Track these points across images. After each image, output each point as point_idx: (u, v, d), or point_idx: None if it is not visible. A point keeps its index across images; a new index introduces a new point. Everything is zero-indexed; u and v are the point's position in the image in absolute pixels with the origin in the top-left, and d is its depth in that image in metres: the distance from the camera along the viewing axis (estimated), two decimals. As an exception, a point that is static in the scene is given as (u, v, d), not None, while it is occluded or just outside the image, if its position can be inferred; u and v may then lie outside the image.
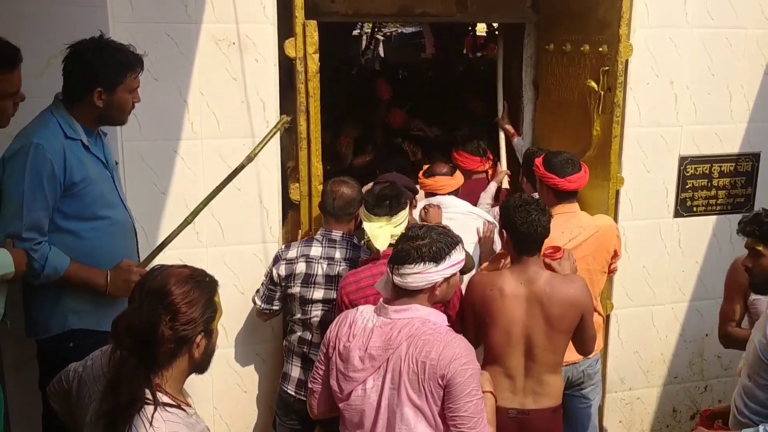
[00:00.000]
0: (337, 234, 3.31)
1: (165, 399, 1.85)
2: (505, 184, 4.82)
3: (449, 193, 3.88)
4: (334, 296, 3.19)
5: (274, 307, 3.38)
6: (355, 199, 3.28)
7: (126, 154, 3.31)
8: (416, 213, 3.61)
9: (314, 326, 3.27)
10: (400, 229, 3.04)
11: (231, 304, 3.54)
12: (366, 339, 2.42)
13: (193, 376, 2.04)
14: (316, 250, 3.29)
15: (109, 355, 1.90)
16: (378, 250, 3.03)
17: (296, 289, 3.27)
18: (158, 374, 1.87)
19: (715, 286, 4.33)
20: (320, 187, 3.51)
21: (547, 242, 3.18)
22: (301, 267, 3.27)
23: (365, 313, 2.50)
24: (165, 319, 1.82)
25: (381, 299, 2.50)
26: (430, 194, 3.92)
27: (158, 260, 2.82)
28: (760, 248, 2.85)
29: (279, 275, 3.30)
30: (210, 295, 1.92)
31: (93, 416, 1.91)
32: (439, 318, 2.46)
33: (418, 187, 3.79)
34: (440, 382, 2.33)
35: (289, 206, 3.70)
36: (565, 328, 2.91)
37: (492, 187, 4.55)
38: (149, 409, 1.80)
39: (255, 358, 3.72)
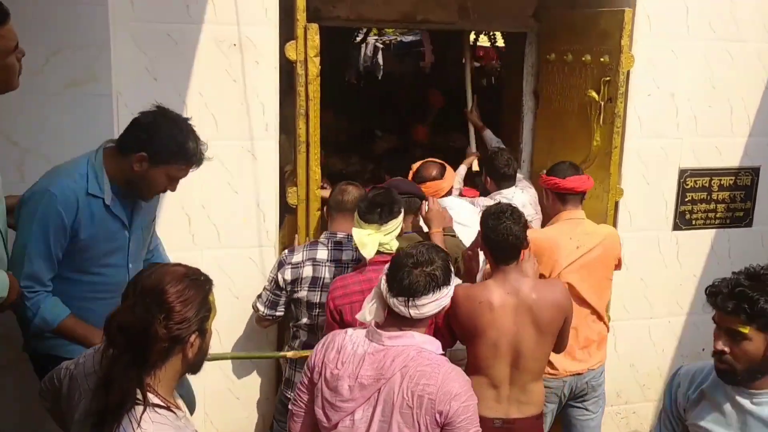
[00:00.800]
0: (342, 235, 3.28)
1: (155, 400, 1.83)
2: (475, 166, 4.95)
3: (444, 195, 3.81)
4: None
5: (278, 313, 3.32)
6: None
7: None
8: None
9: (321, 330, 3.22)
10: (390, 238, 2.96)
11: (226, 308, 3.49)
12: (356, 367, 2.25)
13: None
14: (322, 253, 3.25)
15: (101, 352, 1.87)
16: (365, 258, 2.94)
17: (303, 294, 3.22)
18: (150, 374, 1.84)
19: (713, 299, 4.32)
20: (318, 192, 3.48)
21: (555, 248, 3.20)
22: (308, 271, 3.22)
23: (355, 337, 2.33)
24: (159, 317, 1.79)
25: (373, 323, 2.33)
26: None
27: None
28: (746, 330, 2.10)
29: (285, 280, 3.23)
30: (205, 295, 1.90)
31: (82, 414, 1.88)
32: (434, 346, 2.31)
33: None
34: (437, 418, 2.18)
35: (286, 210, 3.67)
36: (552, 333, 2.88)
37: (461, 169, 4.62)
38: (138, 409, 1.78)
39: (249, 364, 3.68)
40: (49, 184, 2.52)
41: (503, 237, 2.79)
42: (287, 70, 3.47)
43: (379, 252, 2.92)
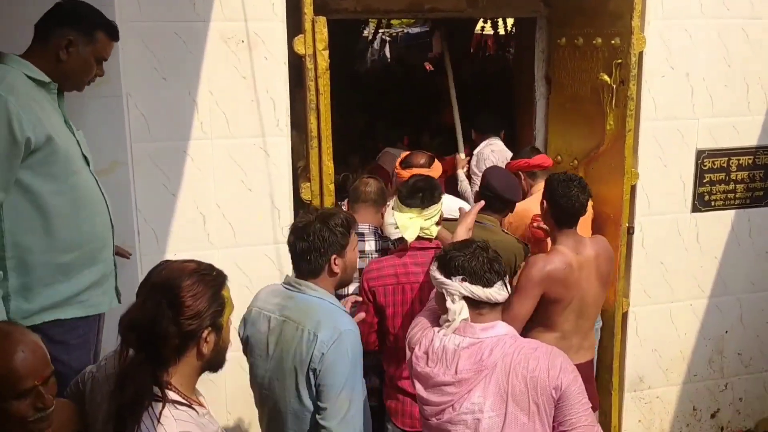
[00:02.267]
0: (364, 227, 3.30)
1: (175, 397, 1.82)
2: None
3: None
4: None
5: None
6: (384, 192, 3.40)
7: (135, 156, 3.27)
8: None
9: None
10: (430, 223, 3.04)
11: (243, 305, 3.48)
12: (452, 362, 2.25)
13: (206, 381, 2.00)
14: None
15: (118, 353, 1.87)
16: (407, 241, 3.02)
17: None
18: (166, 371, 1.83)
19: (734, 281, 4.27)
20: (332, 186, 3.46)
21: (530, 217, 3.65)
22: None
23: (438, 333, 2.32)
24: (169, 313, 1.78)
25: (463, 320, 2.30)
26: None
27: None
28: None
29: None
30: (216, 289, 1.88)
31: (105, 416, 1.88)
32: (513, 330, 2.36)
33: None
34: (554, 394, 2.20)
35: (300, 206, 3.65)
36: (608, 281, 3.32)
37: (460, 174, 5.09)
38: (158, 406, 1.77)
39: (268, 360, 3.67)
40: None
41: (572, 203, 3.10)
42: (296, 65, 3.44)
43: (419, 237, 3.01)
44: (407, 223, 3.01)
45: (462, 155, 5.22)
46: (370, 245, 3.26)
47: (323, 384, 2.36)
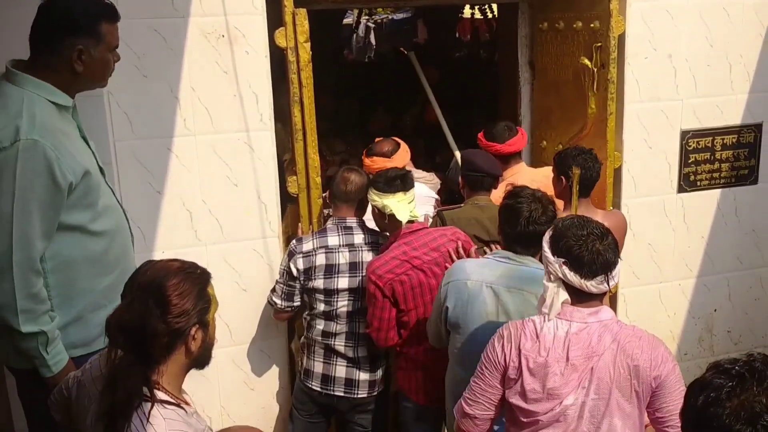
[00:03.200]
0: (351, 221, 3.28)
1: (163, 396, 1.83)
2: None
3: None
4: (359, 282, 3.18)
5: (296, 304, 3.29)
6: (366, 185, 3.28)
7: (119, 154, 3.25)
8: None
9: (340, 317, 3.22)
10: (413, 206, 3.15)
11: (234, 301, 3.50)
12: (563, 349, 2.20)
13: (199, 378, 2.00)
14: (333, 240, 3.23)
15: (105, 355, 1.87)
16: (401, 222, 3.10)
17: (319, 282, 3.19)
18: (155, 371, 1.84)
19: (722, 260, 4.31)
20: (318, 179, 3.45)
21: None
22: (320, 259, 3.19)
23: (547, 322, 2.24)
24: (156, 312, 1.79)
25: (562, 305, 2.23)
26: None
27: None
28: None
29: (298, 269, 3.20)
30: (202, 286, 1.89)
31: (93, 417, 1.88)
32: (614, 315, 2.30)
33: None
34: (653, 384, 2.20)
35: (287, 200, 3.65)
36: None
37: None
38: (147, 406, 1.78)
39: (260, 355, 3.68)
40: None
41: (588, 174, 3.28)
42: (278, 58, 3.43)
43: (410, 221, 3.11)
44: (398, 206, 3.09)
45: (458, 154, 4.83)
46: (359, 238, 3.25)
47: None
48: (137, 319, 1.78)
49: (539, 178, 3.73)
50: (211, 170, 3.40)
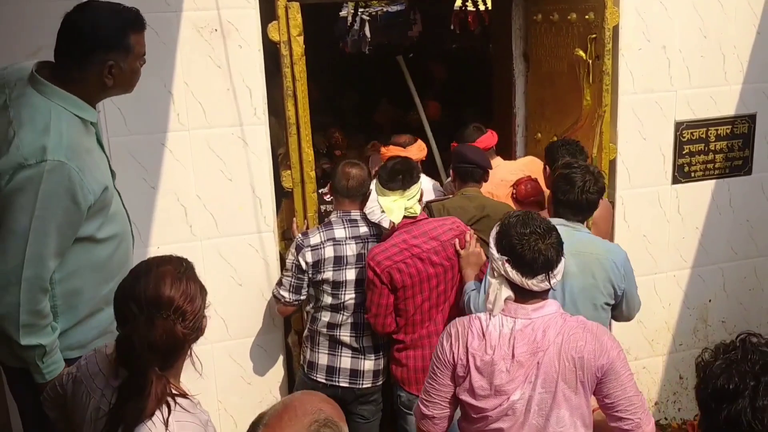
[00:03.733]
0: (355, 214, 3.31)
1: (173, 391, 1.86)
2: None
3: None
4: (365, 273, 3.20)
5: (302, 297, 3.31)
6: (367, 180, 3.32)
7: (113, 150, 3.23)
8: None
9: (347, 308, 3.27)
10: (413, 202, 3.16)
11: (229, 296, 3.50)
12: (509, 347, 2.24)
13: (196, 373, 2.01)
14: (340, 232, 3.26)
15: (106, 357, 1.89)
16: (394, 223, 3.16)
17: (328, 274, 3.23)
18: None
19: (716, 250, 4.32)
20: (312, 174, 3.45)
21: (493, 188, 3.76)
22: (329, 251, 3.22)
23: (492, 319, 2.29)
24: (178, 323, 1.83)
25: (506, 301, 2.29)
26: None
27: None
28: None
29: (307, 263, 3.22)
30: (197, 280, 1.94)
31: (94, 413, 1.89)
32: (559, 306, 2.37)
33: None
34: (598, 374, 2.25)
35: (282, 194, 3.65)
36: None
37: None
38: (165, 409, 1.82)
39: (257, 349, 3.68)
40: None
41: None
42: (272, 52, 3.42)
43: (405, 217, 3.16)
44: (392, 206, 3.13)
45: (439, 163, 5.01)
46: (364, 230, 3.29)
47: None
48: (165, 335, 1.80)
49: (516, 168, 3.98)
50: (205, 165, 3.39)
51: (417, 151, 4.03)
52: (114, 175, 2.54)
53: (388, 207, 3.13)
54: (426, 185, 3.78)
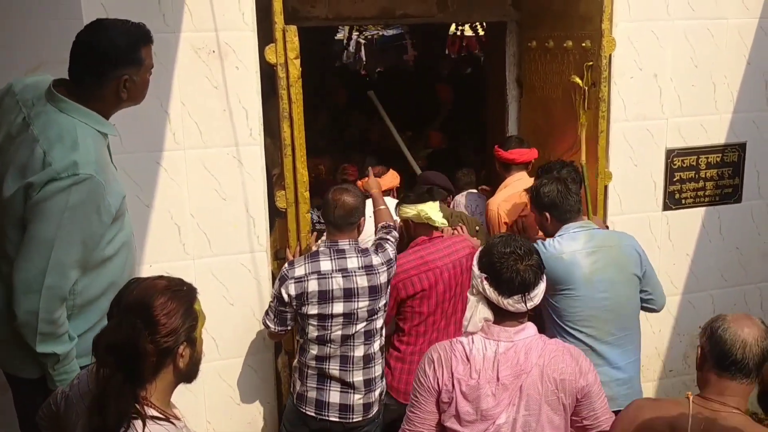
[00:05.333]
0: (344, 244, 3.18)
1: (152, 412, 1.83)
2: None
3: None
4: (354, 308, 3.12)
5: (288, 327, 3.24)
6: (358, 208, 3.19)
7: (108, 168, 3.26)
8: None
9: (334, 341, 3.15)
10: (441, 215, 3.51)
11: (221, 315, 3.50)
12: (493, 370, 2.26)
13: (185, 392, 2.01)
14: (326, 265, 3.13)
15: (93, 373, 1.88)
16: (439, 225, 3.48)
17: (313, 309, 3.10)
18: (144, 388, 1.85)
19: (706, 277, 4.34)
20: (307, 194, 3.47)
21: (509, 202, 3.98)
22: (313, 285, 3.10)
23: (475, 342, 2.30)
24: (145, 333, 1.80)
25: (488, 324, 2.31)
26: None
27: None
28: None
29: (289, 295, 3.11)
30: (188, 304, 1.90)
31: None
32: (535, 328, 2.39)
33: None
34: (578, 395, 2.31)
35: (276, 214, 3.66)
36: None
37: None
38: (138, 424, 1.78)
39: (247, 369, 3.67)
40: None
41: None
42: (268, 73, 3.45)
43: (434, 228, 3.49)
44: (432, 211, 3.44)
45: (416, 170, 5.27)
46: (352, 262, 3.16)
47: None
48: (126, 340, 1.78)
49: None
50: (199, 184, 3.40)
51: (390, 180, 4.21)
52: None
53: (430, 211, 3.43)
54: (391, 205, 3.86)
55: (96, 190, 2.25)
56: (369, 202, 3.61)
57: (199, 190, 3.41)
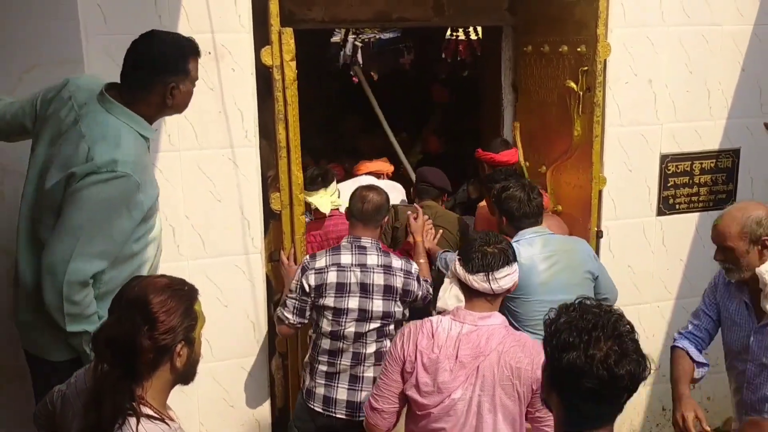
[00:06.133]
0: (366, 241, 3.26)
1: (148, 411, 1.84)
2: None
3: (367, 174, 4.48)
4: (369, 306, 3.17)
5: (305, 320, 3.26)
6: (384, 206, 3.33)
7: (103, 169, 3.25)
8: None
9: (347, 337, 3.18)
10: (335, 197, 3.85)
11: (215, 317, 3.48)
12: (454, 348, 2.46)
13: (178, 393, 2.01)
14: (346, 258, 3.21)
15: (91, 369, 1.88)
16: (324, 214, 3.82)
17: (330, 301, 3.16)
18: (140, 386, 1.85)
19: (700, 282, 4.32)
20: (301, 196, 3.47)
21: None
22: (332, 276, 3.17)
23: (443, 322, 2.53)
24: (143, 329, 1.81)
25: (457, 308, 2.56)
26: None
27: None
28: None
29: (310, 285, 3.18)
30: (189, 304, 1.91)
31: (76, 431, 1.88)
32: (506, 321, 2.61)
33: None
34: (533, 386, 2.43)
35: (270, 216, 3.66)
36: None
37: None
38: (132, 421, 1.78)
39: (240, 371, 3.67)
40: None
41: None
42: (264, 75, 3.45)
43: (333, 210, 3.84)
44: (320, 201, 3.75)
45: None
46: (372, 259, 3.23)
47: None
48: (124, 335, 1.80)
49: None
50: (194, 186, 3.41)
51: (380, 164, 4.56)
52: None
53: (318, 202, 3.72)
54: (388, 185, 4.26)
55: (130, 188, 2.40)
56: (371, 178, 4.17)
57: (194, 191, 3.41)
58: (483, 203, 4.17)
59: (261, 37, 3.39)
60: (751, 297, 2.93)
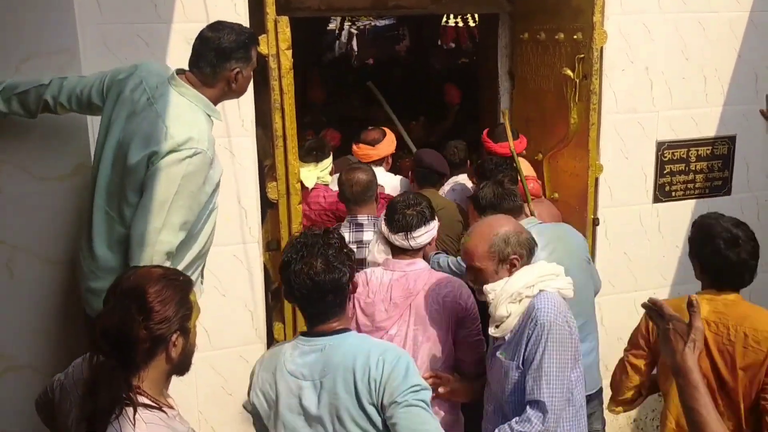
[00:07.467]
0: (363, 218, 3.50)
1: (144, 400, 1.85)
2: None
3: (372, 162, 4.18)
4: None
5: None
6: (372, 182, 3.54)
7: (99, 159, 3.25)
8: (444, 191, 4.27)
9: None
10: (325, 173, 3.96)
11: (212, 306, 3.50)
12: (387, 292, 2.89)
13: (177, 383, 2.02)
14: (345, 236, 3.26)
15: (88, 359, 1.89)
16: (310, 187, 3.93)
17: None
18: (136, 376, 1.86)
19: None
20: (298, 185, 3.47)
21: None
22: None
23: (375, 272, 2.98)
24: (139, 318, 1.82)
25: (386, 260, 3.00)
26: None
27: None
28: None
29: None
30: (184, 294, 1.92)
31: (74, 421, 1.90)
32: (428, 265, 3.05)
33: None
34: (459, 312, 2.85)
35: (267, 206, 3.66)
36: None
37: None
38: (129, 410, 1.79)
39: (239, 360, 3.68)
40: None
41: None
42: (261, 63, 3.44)
43: (318, 184, 3.96)
44: (307, 175, 3.88)
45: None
46: (368, 235, 3.39)
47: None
48: (119, 325, 1.81)
49: (526, 167, 4.08)
50: (191, 175, 3.40)
51: (387, 146, 4.30)
52: None
53: (304, 176, 3.80)
54: (393, 182, 4.30)
55: (206, 163, 2.61)
56: (378, 171, 3.99)
57: (191, 181, 3.40)
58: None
59: (257, 25, 3.37)
60: None
